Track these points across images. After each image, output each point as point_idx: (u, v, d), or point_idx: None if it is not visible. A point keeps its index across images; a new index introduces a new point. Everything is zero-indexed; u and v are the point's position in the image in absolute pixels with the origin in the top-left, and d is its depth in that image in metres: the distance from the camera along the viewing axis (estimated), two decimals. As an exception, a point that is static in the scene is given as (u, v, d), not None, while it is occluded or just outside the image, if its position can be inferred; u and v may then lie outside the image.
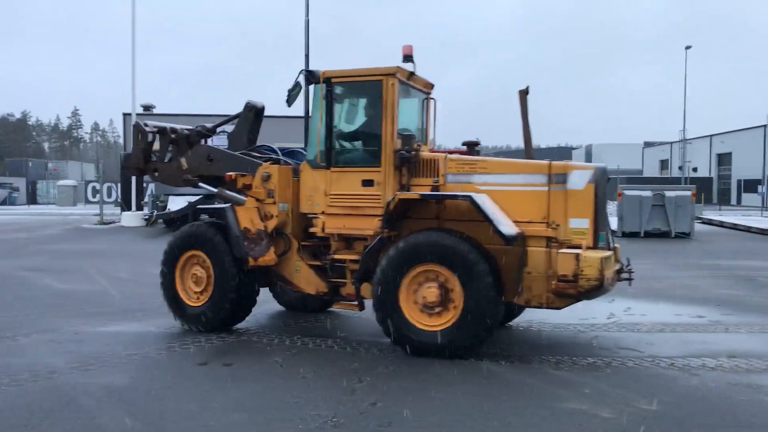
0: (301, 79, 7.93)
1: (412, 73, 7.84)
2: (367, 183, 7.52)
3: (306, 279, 8.01)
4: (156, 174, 9.53)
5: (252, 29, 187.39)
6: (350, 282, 7.66)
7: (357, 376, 6.31)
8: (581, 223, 6.89)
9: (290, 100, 7.95)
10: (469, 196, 6.89)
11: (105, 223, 27.63)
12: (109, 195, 39.17)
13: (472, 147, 8.39)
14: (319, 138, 7.75)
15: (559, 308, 7.14)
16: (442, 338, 6.85)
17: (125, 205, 29.58)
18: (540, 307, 7.10)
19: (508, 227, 6.75)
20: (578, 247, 6.76)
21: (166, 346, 7.43)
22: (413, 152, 7.41)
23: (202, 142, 9.42)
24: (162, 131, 9.33)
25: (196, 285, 8.27)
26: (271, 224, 8.10)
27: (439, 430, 5.02)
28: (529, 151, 8.21)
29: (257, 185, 8.18)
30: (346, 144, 8.01)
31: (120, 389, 5.91)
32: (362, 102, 8.04)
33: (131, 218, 27.04)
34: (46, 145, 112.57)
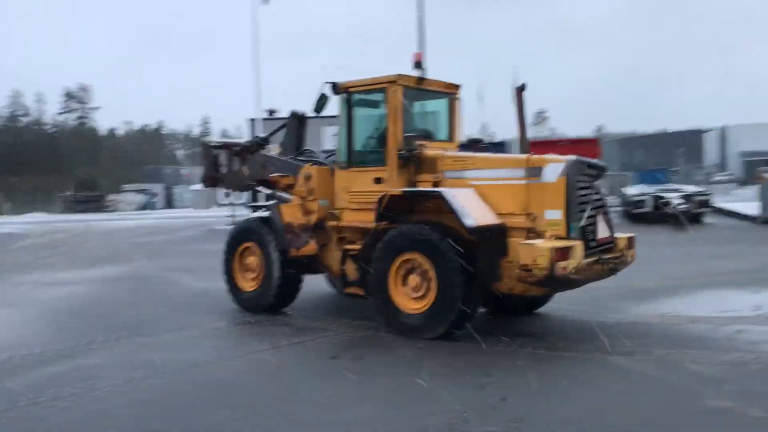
0: (326, 90, 8.65)
1: (421, 78, 8.51)
2: (378, 181, 8.27)
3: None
4: (224, 182, 10.79)
5: (369, 31, 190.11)
6: (355, 270, 8.35)
7: (485, 371, 6.25)
8: (555, 214, 7.20)
9: (318, 109, 8.82)
10: (440, 192, 7.51)
11: (236, 224, 28.84)
12: (239, 197, 40.90)
13: (475, 144, 8.72)
14: (341, 141, 8.63)
15: (536, 296, 7.83)
16: (422, 320, 7.48)
17: (255, 208, 30.81)
18: (521, 294, 7.53)
19: (472, 219, 7.16)
20: (547, 237, 7.15)
21: (298, 341, 7.67)
22: (413, 151, 8.00)
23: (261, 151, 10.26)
24: (226, 146, 10.74)
25: (250, 272, 9.49)
26: (313, 218, 8.92)
27: (574, 426, 4.88)
28: (524, 145, 8.32)
29: (300, 184, 9.08)
30: (362, 146, 8.72)
31: (257, 382, 6.17)
32: (374, 108, 8.72)
33: (260, 219, 28.02)
34: (179, 152, 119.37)
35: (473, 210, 7.30)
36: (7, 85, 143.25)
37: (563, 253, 6.88)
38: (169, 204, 62.10)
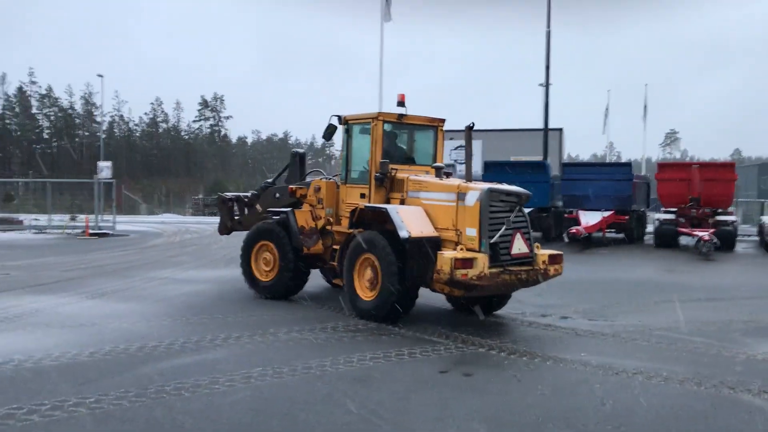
0: (334, 121, 10.60)
1: (402, 115, 10.22)
2: (363, 196, 10.18)
3: None
4: (241, 226, 12.96)
5: (491, 48, 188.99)
6: (337, 265, 10.20)
7: (599, 399, 6.06)
8: (472, 231, 8.74)
9: (326, 137, 10.74)
10: (385, 209, 9.24)
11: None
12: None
13: (438, 170, 9.96)
14: (342, 162, 10.61)
15: (457, 296, 9.46)
16: (371, 305, 9.30)
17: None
18: (447, 294, 9.40)
19: (405, 231, 8.80)
20: (458, 249, 8.70)
21: (408, 351, 7.73)
22: (386, 174, 9.85)
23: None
24: (238, 199, 13.18)
25: (265, 265, 11.40)
26: (320, 223, 10.91)
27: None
28: (468, 176, 9.48)
29: (311, 194, 11.07)
30: (355, 167, 10.58)
31: (367, 389, 6.27)
32: (365, 137, 10.36)
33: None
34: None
35: (411, 224, 8.93)
36: (151, 92, 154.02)
37: (464, 263, 8.37)
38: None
